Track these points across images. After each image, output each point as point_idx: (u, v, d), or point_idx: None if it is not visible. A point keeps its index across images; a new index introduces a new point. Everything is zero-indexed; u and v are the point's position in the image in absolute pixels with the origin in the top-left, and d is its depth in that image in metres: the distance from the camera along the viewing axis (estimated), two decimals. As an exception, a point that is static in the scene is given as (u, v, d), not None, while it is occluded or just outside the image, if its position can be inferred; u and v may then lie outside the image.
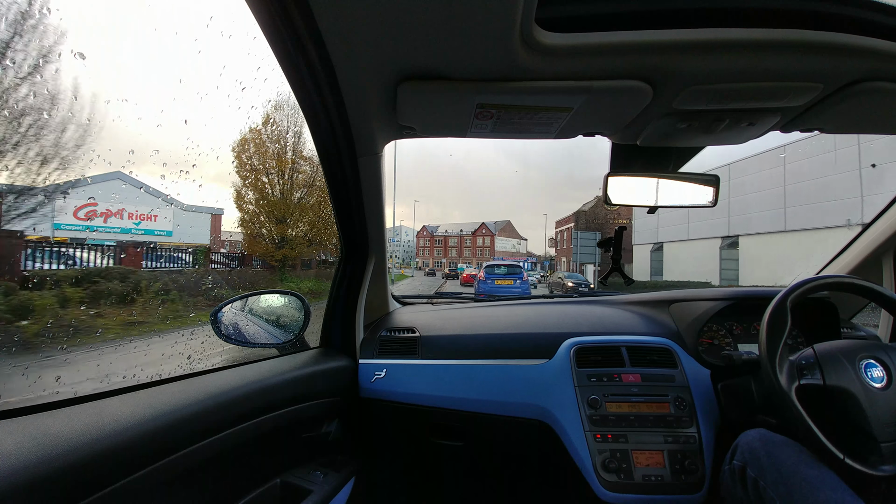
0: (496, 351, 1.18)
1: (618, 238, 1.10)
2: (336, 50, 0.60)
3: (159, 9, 12.97)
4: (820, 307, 1.22)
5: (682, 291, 1.37)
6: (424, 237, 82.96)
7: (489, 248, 70.31)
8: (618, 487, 0.95)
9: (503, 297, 1.78)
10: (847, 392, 0.77)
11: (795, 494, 0.71)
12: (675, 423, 1.01)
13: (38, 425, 0.53)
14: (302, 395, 0.94)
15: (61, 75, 2.37)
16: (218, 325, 1.06)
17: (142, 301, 4.15)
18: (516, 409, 1.12)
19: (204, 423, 0.68)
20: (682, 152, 0.98)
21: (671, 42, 0.58)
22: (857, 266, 1.29)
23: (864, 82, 0.66)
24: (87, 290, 3.80)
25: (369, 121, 0.80)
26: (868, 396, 0.76)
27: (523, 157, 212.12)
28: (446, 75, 0.64)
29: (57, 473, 0.47)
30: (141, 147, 3.13)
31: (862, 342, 0.85)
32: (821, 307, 1.22)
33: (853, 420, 0.77)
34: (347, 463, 1.02)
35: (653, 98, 0.69)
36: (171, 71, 44.82)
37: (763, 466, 0.78)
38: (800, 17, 0.58)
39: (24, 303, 2.81)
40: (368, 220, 1.11)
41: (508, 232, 73.63)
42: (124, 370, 2.76)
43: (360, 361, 1.19)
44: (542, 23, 0.56)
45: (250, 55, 1.06)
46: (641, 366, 1.10)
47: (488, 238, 70.86)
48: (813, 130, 0.85)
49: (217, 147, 14.24)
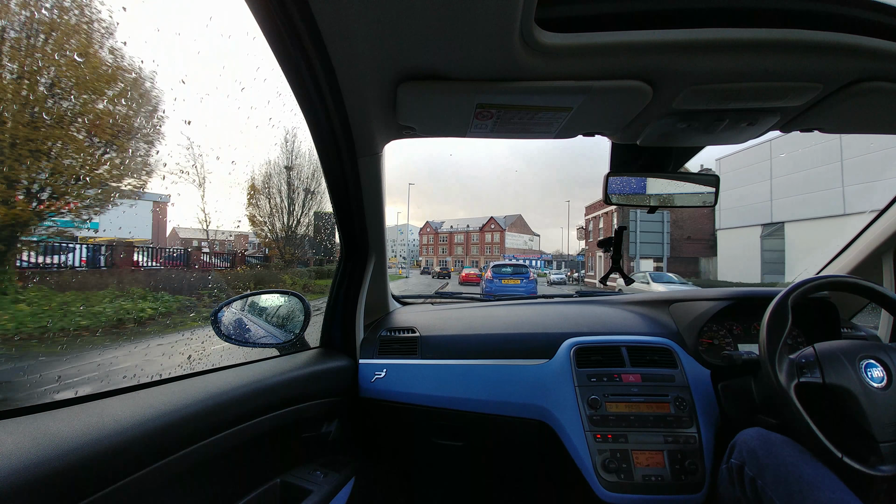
0: (496, 351, 1.19)
1: (618, 238, 1.10)
2: (336, 50, 0.60)
3: (159, 9, 12.80)
4: (820, 307, 1.22)
5: (682, 291, 1.37)
6: (428, 234, 76.46)
7: (499, 244, 64.58)
8: (618, 487, 0.95)
9: (503, 296, 1.78)
10: (847, 391, 0.77)
11: (794, 494, 0.70)
12: (675, 423, 1.01)
13: (38, 425, 0.53)
14: (302, 395, 0.94)
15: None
16: (218, 325, 1.06)
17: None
18: (516, 409, 1.12)
19: (204, 423, 0.68)
20: (682, 152, 0.99)
21: (671, 42, 0.58)
22: (857, 266, 1.29)
23: (863, 82, 0.66)
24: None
25: (369, 121, 0.80)
26: (868, 396, 0.76)
27: (528, 154, 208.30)
28: (446, 75, 0.64)
29: (57, 473, 0.47)
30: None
31: (862, 342, 0.85)
32: (821, 307, 1.22)
33: (853, 420, 0.77)
34: (347, 463, 1.02)
35: (653, 98, 0.69)
36: (172, 71, 44.73)
37: (761, 466, 0.78)
38: (799, 17, 0.58)
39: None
40: (368, 220, 1.12)
41: (519, 227, 67.91)
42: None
43: (360, 361, 1.19)
44: (541, 23, 0.56)
45: (250, 55, 1.06)
46: (641, 366, 1.10)
47: (498, 234, 65.15)
48: (812, 130, 0.85)
49: (217, 147, 14.18)
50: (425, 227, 78.43)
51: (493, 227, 66.48)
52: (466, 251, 69.38)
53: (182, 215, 10.27)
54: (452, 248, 71.82)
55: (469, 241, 69.31)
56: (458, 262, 64.98)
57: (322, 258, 9.84)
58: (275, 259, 8.88)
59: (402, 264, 51.96)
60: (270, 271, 8.34)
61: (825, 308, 1.22)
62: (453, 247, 71.70)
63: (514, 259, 14.33)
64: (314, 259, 9.92)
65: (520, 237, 66.39)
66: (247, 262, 7.95)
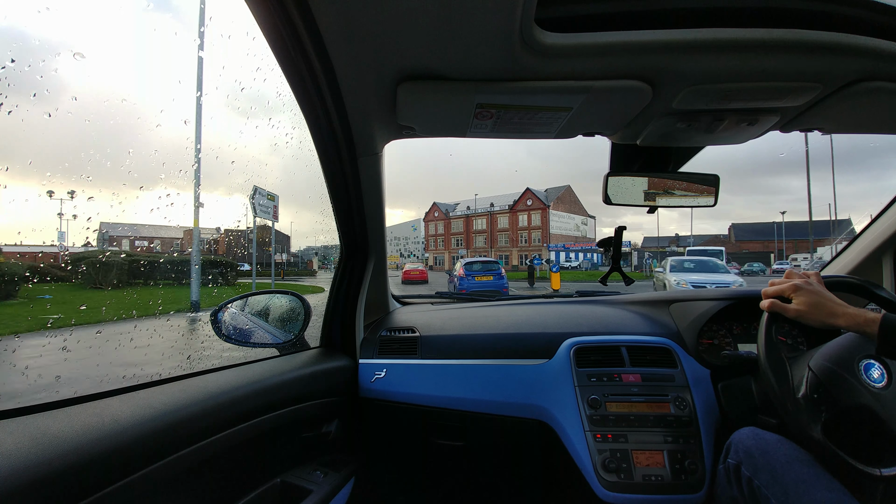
0: (496, 351, 1.19)
1: (618, 238, 1.10)
2: (336, 50, 0.60)
3: (159, 9, 12.59)
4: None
5: (682, 291, 1.37)
6: (436, 221, 54.35)
7: (540, 228, 42.66)
8: (618, 487, 0.95)
9: (503, 296, 1.78)
10: (861, 407, 0.74)
11: (790, 493, 0.70)
12: (675, 423, 1.01)
13: (38, 425, 0.53)
14: (302, 395, 0.94)
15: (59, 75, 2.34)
16: (218, 325, 1.06)
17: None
18: (516, 409, 1.12)
19: (204, 423, 0.68)
20: (682, 152, 0.99)
21: (671, 42, 0.58)
22: (857, 266, 1.29)
23: (863, 82, 0.66)
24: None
25: (369, 121, 0.80)
26: (879, 401, 0.74)
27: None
28: (446, 75, 0.64)
29: (57, 474, 0.47)
30: (141, 146, 3.11)
31: (857, 341, 0.83)
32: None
33: (866, 426, 0.73)
34: (347, 463, 1.02)
35: (652, 98, 0.69)
36: (171, 71, 44.68)
37: (757, 465, 0.77)
38: (799, 17, 0.58)
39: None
40: (368, 220, 1.12)
41: (569, 203, 45.81)
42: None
43: (360, 361, 1.19)
44: (541, 23, 0.56)
45: (250, 55, 1.06)
46: (641, 365, 1.10)
47: (538, 213, 42.91)
48: (812, 130, 0.85)
49: (217, 147, 14.18)
50: (431, 212, 55.32)
51: (531, 203, 43.90)
52: (491, 241, 47.39)
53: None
54: (471, 239, 49.89)
55: (494, 227, 47.25)
56: (478, 254, 42.91)
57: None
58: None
59: (412, 261, 40.08)
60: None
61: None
62: (471, 236, 49.92)
63: (479, 258, 13.55)
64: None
65: (570, 219, 44.42)
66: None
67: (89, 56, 8.50)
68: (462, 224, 51.29)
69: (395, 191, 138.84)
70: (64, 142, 5.50)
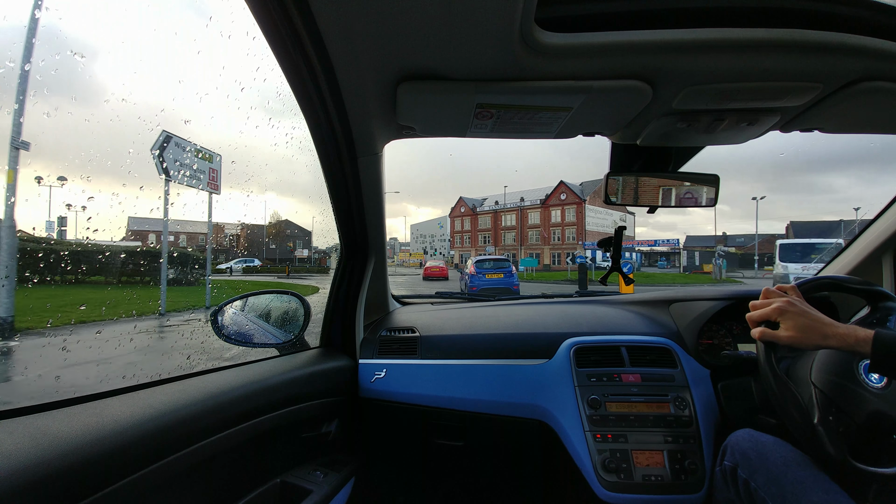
0: (496, 351, 1.18)
1: (618, 238, 1.11)
2: (336, 50, 0.60)
3: (159, 9, 12.65)
4: (820, 307, 1.22)
5: (682, 291, 1.37)
6: (462, 216, 51.39)
7: (575, 224, 39.81)
8: (618, 487, 0.95)
9: (503, 297, 1.78)
10: (869, 413, 0.74)
11: (787, 495, 0.70)
12: (675, 423, 1.01)
13: (38, 425, 0.53)
14: (302, 395, 0.94)
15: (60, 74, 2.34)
16: (218, 326, 1.06)
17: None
18: (516, 409, 1.12)
19: (204, 423, 0.68)
20: (682, 152, 0.99)
21: (671, 42, 0.58)
22: (857, 266, 1.29)
23: (863, 82, 0.66)
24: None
25: (369, 121, 0.80)
26: (886, 401, 0.73)
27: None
28: (446, 75, 0.64)
29: (57, 474, 0.47)
30: (141, 147, 3.11)
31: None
32: (821, 307, 1.22)
33: (884, 431, 0.72)
34: (347, 463, 1.02)
35: (652, 98, 0.69)
36: (170, 71, 44.77)
37: (754, 467, 0.77)
38: (799, 17, 0.58)
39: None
40: (368, 220, 1.12)
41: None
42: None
43: (360, 361, 1.19)
44: (541, 23, 0.56)
45: (250, 55, 1.06)
46: (641, 366, 1.10)
47: (572, 209, 40.11)
48: (812, 130, 0.85)
49: (217, 147, 14.18)
50: (458, 207, 52.34)
51: (565, 197, 40.57)
52: (521, 238, 44.16)
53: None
54: (499, 236, 46.78)
55: (525, 224, 44.04)
56: (509, 254, 39.50)
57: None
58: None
59: (436, 258, 37.33)
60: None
61: (825, 308, 1.22)
62: (499, 233, 46.76)
63: (490, 256, 13.77)
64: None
65: (608, 215, 40.52)
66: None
67: (89, 56, 8.20)
68: (490, 220, 48.40)
69: (420, 190, 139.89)
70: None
